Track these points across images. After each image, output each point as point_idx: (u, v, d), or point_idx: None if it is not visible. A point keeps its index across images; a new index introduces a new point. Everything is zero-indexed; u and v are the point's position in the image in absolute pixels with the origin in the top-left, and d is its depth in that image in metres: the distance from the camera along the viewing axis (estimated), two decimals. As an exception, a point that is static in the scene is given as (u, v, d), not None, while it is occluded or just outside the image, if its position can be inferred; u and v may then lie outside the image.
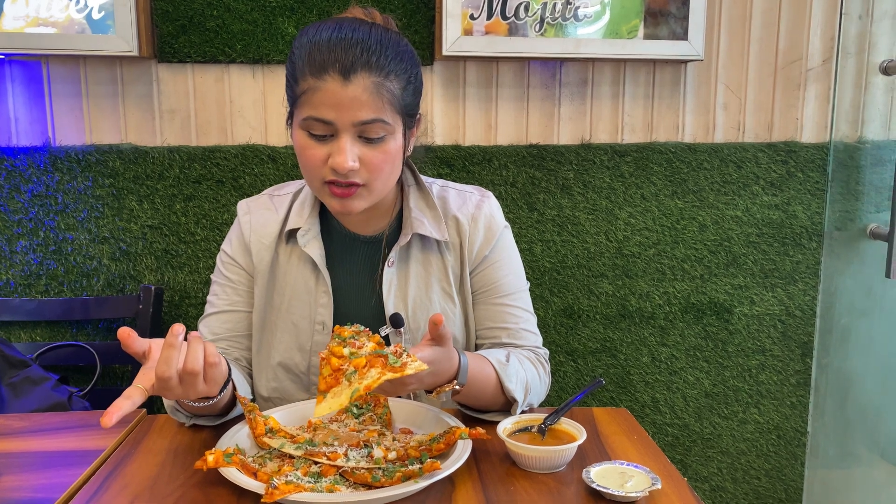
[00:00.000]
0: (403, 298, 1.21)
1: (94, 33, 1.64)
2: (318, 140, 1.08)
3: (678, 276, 1.94)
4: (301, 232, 1.21)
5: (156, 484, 0.96)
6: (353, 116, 1.05)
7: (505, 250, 1.27)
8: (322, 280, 1.21)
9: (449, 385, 1.05)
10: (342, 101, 1.04)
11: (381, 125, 1.07)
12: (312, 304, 1.21)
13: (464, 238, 1.23)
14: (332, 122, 1.05)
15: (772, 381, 2.01)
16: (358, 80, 1.04)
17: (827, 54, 1.92)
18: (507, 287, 1.26)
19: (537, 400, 1.22)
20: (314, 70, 1.05)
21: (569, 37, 1.75)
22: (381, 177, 1.11)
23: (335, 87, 1.04)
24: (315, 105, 1.05)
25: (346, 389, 0.92)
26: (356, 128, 1.06)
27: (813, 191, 1.94)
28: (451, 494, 0.93)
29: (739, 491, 2.04)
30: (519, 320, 1.26)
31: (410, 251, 1.22)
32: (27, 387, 1.56)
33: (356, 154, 1.07)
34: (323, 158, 1.08)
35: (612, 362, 1.95)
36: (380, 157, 1.08)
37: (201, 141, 1.79)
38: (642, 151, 1.89)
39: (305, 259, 1.21)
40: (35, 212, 1.76)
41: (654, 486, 0.92)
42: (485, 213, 1.25)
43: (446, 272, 1.23)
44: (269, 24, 1.75)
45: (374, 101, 1.05)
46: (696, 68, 1.89)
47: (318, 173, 1.09)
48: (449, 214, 1.24)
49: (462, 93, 1.84)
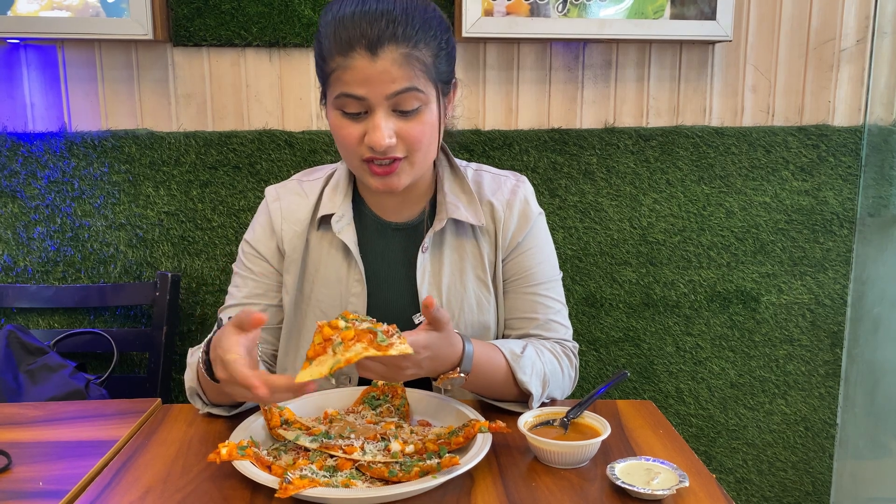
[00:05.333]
0: (437, 286, 1.18)
1: (109, 17, 1.62)
2: (352, 118, 1.05)
3: (704, 264, 1.89)
4: (335, 218, 1.17)
5: (169, 476, 0.94)
6: (385, 89, 1.02)
7: (538, 237, 1.23)
8: (355, 268, 1.17)
9: (453, 372, 1.02)
10: (372, 76, 1.02)
11: (415, 95, 1.04)
12: (344, 293, 1.18)
13: (498, 224, 1.19)
14: (365, 98, 1.03)
15: (800, 371, 1.96)
16: (386, 54, 1.01)
17: (861, 34, 1.84)
18: (540, 276, 1.22)
19: (560, 394, 1.18)
20: (341, 48, 1.02)
21: (592, 17, 1.70)
22: (422, 148, 1.08)
23: (364, 64, 1.02)
24: (346, 82, 1.03)
25: (330, 359, 0.89)
26: (389, 101, 1.03)
27: (845, 176, 1.88)
28: (471, 490, 0.91)
29: (765, 483, 2.00)
30: (549, 311, 1.22)
31: (445, 237, 1.19)
32: (45, 374, 1.56)
33: (392, 129, 1.04)
34: (359, 137, 1.05)
35: (636, 352, 1.91)
36: (417, 128, 1.06)
37: (217, 126, 1.77)
38: (668, 135, 1.83)
39: (337, 246, 1.18)
40: (52, 198, 1.75)
41: (682, 483, 0.88)
42: (520, 199, 1.22)
43: (481, 259, 1.20)
44: (285, 7, 1.71)
45: (405, 72, 1.03)
46: (724, 49, 1.83)
47: (355, 152, 1.07)
48: (483, 199, 1.20)
49: (482, 75, 1.80)
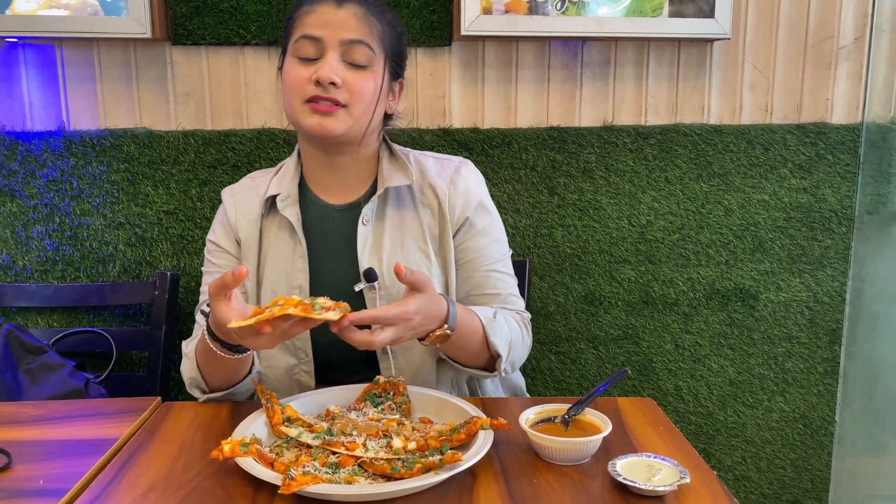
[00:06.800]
0: (378, 255, 1.23)
1: (107, 15, 1.62)
2: (305, 63, 1.16)
3: (703, 262, 1.89)
4: (280, 197, 1.25)
5: (171, 474, 0.94)
6: (342, 35, 1.15)
7: (488, 215, 1.30)
8: (299, 244, 1.24)
9: (440, 329, 1.07)
10: (332, 21, 1.15)
11: (366, 50, 1.16)
12: (290, 270, 1.24)
13: (442, 199, 1.26)
14: (321, 39, 1.15)
15: (798, 368, 1.96)
16: (349, 7, 1.16)
17: (860, 31, 1.85)
18: (496, 254, 1.29)
19: (519, 360, 1.25)
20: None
21: (591, 15, 1.70)
22: (362, 100, 1.17)
23: (327, 10, 1.16)
24: (307, 25, 1.16)
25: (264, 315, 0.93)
26: (343, 47, 1.15)
27: (843, 174, 1.88)
28: (472, 486, 0.91)
29: (764, 480, 2.00)
30: (506, 286, 1.30)
31: (385, 210, 1.25)
32: (44, 373, 1.55)
33: (341, 73, 1.15)
34: (307, 77, 1.15)
35: (635, 350, 1.91)
36: (362, 81, 1.16)
37: (216, 125, 1.77)
38: (666, 133, 1.83)
39: (284, 226, 1.26)
40: (50, 197, 1.75)
41: (683, 479, 0.89)
42: (463, 177, 1.29)
43: (422, 231, 1.25)
44: (284, 5, 1.71)
45: (363, 27, 1.16)
46: (722, 47, 1.83)
47: (300, 91, 1.16)
48: (426, 181, 1.27)
49: (481, 74, 1.80)
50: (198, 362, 1.15)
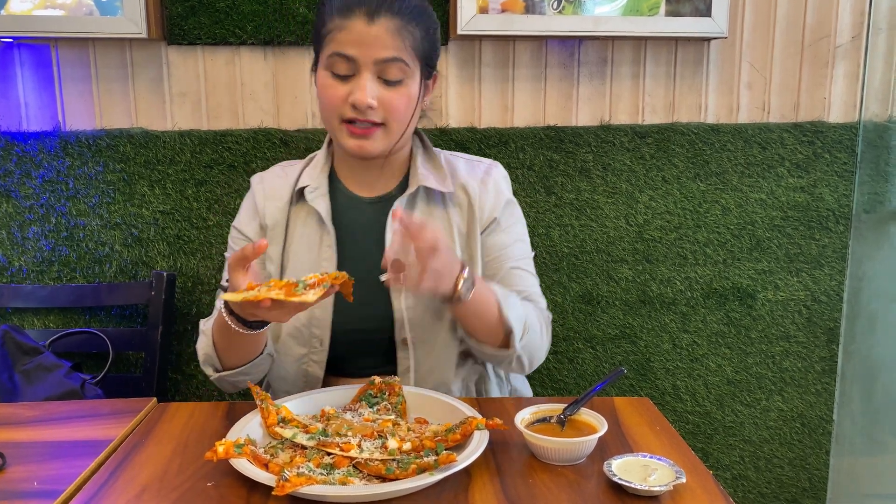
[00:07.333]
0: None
1: (103, 15, 1.61)
2: (339, 79, 1.14)
3: (700, 261, 1.89)
4: (309, 189, 1.25)
5: (165, 475, 0.94)
6: (376, 54, 1.12)
7: (514, 215, 1.32)
8: (327, 235, 1.24)
9: (461, 275, 1.06)
10: (366, 39, 1.12)
11: (401, 66, 1.14)
12: (316, 259, 1.24)
13: (473, 198, 1.26)
14: (355, 59, 1.12)
15: (796, 368, 1.96)
16: (382, 22, 1.12)
17: (857, 30, 1.85)
18: (520, 252, 1.30)
19: (536, 351, 1.23)
20: (341, 11, 1.13)
21: (587, 14, 1.70)
22: (399, 118, 1.16)
23: (360, 26, 1.12)
24: (340, 42, 1.13)
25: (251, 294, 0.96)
26: (377, 66, 1.13)
27: (840, 172, 1.88)
28: (468, 487, 0.91)
29: (762, 480, 2.00)
30: (530, 284, 1.30)
31: (415, 205, 1.26)
32: (40, 374, 1.55)
33: (376, 92, 1.13)
34: (343, 97, 1.14)
35: (632, 349, 1.91)
36: (398, 98, 1.15)
37: (212, 125, 1.77)
38: (663, 133, 1.83)
39: (313, 216, 1.26)
40: (46, 197, 1.74)
41: (679, 479, 0.88)
42: (494, 178, 1.30)
43: (451, 229, 1.26)
44: (280, 5, 1.71)
45: (396, 42, 1.13)
46: (719, 46, 1.83)
47: (336, 111, 1.15)
48: (457, 181, 1.27)
49: (477, 73, 1.79)
50: (213, 339, 1.17)
